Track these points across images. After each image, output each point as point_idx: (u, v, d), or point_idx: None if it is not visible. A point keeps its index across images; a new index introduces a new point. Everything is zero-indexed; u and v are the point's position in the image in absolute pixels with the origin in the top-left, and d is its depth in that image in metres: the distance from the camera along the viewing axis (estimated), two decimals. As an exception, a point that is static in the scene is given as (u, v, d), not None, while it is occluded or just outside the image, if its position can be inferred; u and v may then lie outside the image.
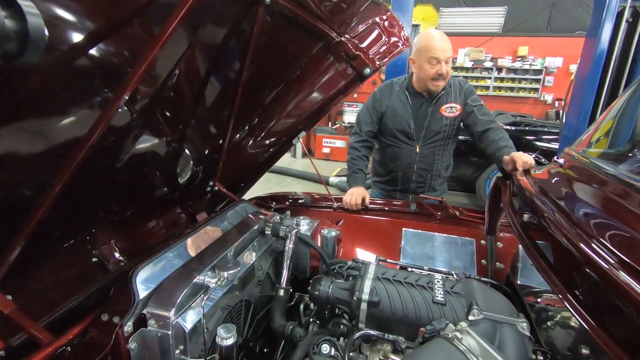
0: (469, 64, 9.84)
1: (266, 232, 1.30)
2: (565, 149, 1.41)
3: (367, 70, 1.60)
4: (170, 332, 0.83)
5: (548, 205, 0.94)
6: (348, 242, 1.66)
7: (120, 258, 1.32)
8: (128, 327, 0.83)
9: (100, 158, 1.11)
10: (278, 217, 1.46)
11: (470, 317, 0.90)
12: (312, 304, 1.30)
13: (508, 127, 5.06)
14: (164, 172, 1.46)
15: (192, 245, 1.13)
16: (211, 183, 1.64)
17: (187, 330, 0.85)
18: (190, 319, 0.88)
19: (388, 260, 1.35)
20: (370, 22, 1.60)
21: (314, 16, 1.36)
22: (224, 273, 0.94)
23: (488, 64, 9.77)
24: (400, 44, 1.65)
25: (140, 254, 1.13)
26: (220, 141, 1.47)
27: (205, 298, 0.90)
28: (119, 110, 0.83)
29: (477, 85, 9.85)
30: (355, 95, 9.54)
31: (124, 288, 0.86)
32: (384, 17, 1.61)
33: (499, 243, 1.54)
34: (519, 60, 9.66)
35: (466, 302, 0.99)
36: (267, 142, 1.75)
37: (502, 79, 9.87)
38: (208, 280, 0.94)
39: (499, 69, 9.79)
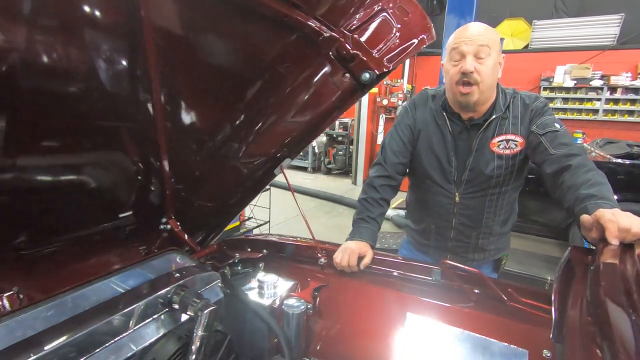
0: (570, 84, 8.30)
1: (174, 305, 0.88)
2: None
3: (366, 76, 1.13)
4: None
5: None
6: (328, 319, 1.15)
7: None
8: None
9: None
10: (218, 277, 1.04)
11: None
12: None
13: (620, 161, 3.82)
14: (91, 199, 1.14)
15: (40, 318, 0.78)
16: (164, 220, 1.30)
17: None
18: None
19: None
20: (375, 7, 1.13)
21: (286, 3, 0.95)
22: None
23: (596, 83, 8.11)
24: (418, 38, 1.14)
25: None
26: (158, 163, 1.12)
27: None
28: None
29: (581, 108, 8.22)
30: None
31: None
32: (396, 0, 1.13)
33: (576, 363, 0.88)
34: (641, 78, 7.84)
35: None
36: (240, 170, 1.36)
37: (616, 101, 8.08)
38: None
39: (612, 89, 8.06)
